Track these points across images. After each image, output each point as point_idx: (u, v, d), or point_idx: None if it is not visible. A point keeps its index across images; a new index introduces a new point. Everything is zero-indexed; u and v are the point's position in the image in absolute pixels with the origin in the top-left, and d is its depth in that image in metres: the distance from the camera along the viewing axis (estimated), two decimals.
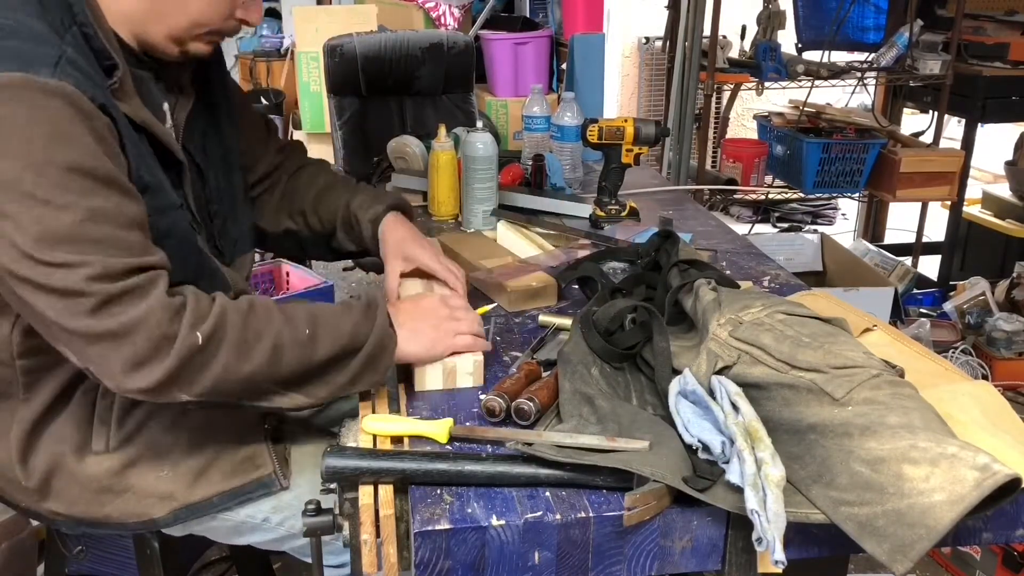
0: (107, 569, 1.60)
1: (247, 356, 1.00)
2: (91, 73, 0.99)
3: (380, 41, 2.62)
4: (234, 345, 0.99)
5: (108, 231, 0.94)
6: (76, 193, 0.92)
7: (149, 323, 0.94)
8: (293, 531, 1.18)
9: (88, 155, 0.93)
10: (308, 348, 1.03)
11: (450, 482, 0.91)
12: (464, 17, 3.92)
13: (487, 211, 1.74)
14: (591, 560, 0.88)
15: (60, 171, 0.91)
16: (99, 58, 1.01)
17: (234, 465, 1.15)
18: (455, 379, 1.12)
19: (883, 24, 3.51)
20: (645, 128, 1.76)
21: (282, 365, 1.02)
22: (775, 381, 0.96)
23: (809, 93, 3.14)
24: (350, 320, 1.06)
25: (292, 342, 1.02)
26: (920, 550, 0.79)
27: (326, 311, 1.08)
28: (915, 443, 0.83)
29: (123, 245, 0.95)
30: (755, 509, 0.81)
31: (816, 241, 2.99)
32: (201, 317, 0.97)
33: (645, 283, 1.33)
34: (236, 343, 0.99)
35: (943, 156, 3.16)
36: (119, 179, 0.97)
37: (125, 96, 1.04)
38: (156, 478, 1.14)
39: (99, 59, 1.01)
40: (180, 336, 0.95)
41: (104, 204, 0.94)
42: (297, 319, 1.04)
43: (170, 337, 0.95)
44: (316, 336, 1.04)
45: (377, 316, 1.08)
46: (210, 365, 0.98)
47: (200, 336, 0.96)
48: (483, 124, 1.79)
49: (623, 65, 4.87)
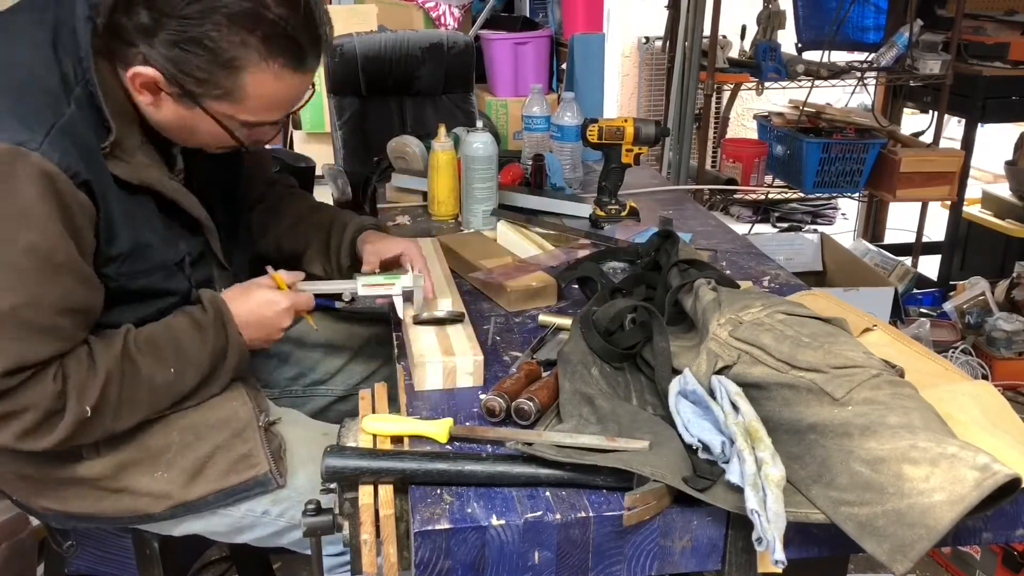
0: (107, 569, 1.60)
1: (130, 410, 1.08)
2: (88, 138, 1.00)
3: (380, 41, 2.63)
4: (116, 405, 1.06)
5: (44, 317, 0.98)
6: (22, 275, 0.95)
7: (39, 407, 0.99)
8: (293, 522, 1.18)
9: (48, 239, 0.96)
10: (178, 384, 1.13)
11: (450, 482, 0.91)
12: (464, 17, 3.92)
13: (487, 211, 1.74)
14: (591, 560, 0.88)
15: (16, 251, 0.94)
16: (100, 119, 1.03)
17: (230, 464, 1.15)
18: (455, 379, 1.12)
19: (883, 24, 3.51)
20: (645, 128, 1.76)
21: (160, 404, 1.12)
22: (775, 381, 0.96)
23: (809, 93, 3.14)
24: (207, 348, 1.14)
25: (164, 384, 1.11)
26: (920, 550, 0.79)
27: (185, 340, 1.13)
28: (915, 443, 0.83)
29: (52, 332, 0.99)
30: (755, 509, 0.81)
31: (816, 241, 2.99)
32: (83, 391, 1.02)
33: (645, 283, 1.33)
34: (118, 403, 1.06)
35: (943, 156, 3.16)
36: (75, 264, 1.00)
37: (123, 156, 1.05)
38: (151, 479, 1.14)
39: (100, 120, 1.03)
40: (68, 411, 1.01)
41: (51, 291, 0.97)
42: (163, 358, 1.10)
43: (59, 412, 1.01)
44: (183, 373, 1.12)
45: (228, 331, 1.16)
46: (98, 426, 1.05)
47: (88, 408, 1.02)
48: (483, 124, 1.79)
49: (623, 65, 4.87)
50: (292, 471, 1.19)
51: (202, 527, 1.22)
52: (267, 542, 1.23)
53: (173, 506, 1.15)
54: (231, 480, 1.15)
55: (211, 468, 1.15)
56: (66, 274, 0.98)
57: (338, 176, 2.64)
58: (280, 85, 1.06)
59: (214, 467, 1.15)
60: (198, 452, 1.15)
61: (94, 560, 1.60)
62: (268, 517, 1.20)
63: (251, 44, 1.01)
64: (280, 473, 1.16)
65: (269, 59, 1.03)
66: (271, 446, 1.17)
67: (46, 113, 0.97)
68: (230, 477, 1.15)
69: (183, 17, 0.98)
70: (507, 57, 3.47)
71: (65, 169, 0.96)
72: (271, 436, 1.18)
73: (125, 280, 1.08)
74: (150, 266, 1.11)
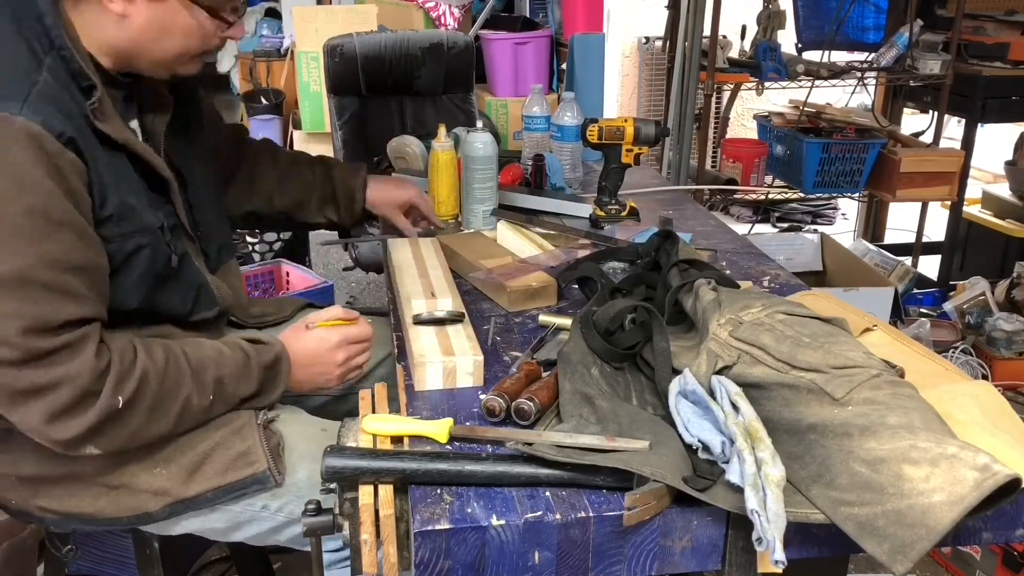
0: (107, 569, 1.60)
1: (157, 421, 1.08)
2: (65, 100, 1.01)
3: (380, 41, 2.63)
4: (148, 410, 1.06)
5: (53, 276, 0.97)
6: (27, 237, 0.96)
7: (76, 381, 0.99)
8: (292, 517, 1.19)
9: (45, 198, 0.96)
10: (206, 413, 1.14)
11: (450, 482, 0.91)
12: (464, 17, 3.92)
13: (487, 211, 1.74)
14: (591, 560, 0.88)
15: (15, 215, 0.95)
16: (76, 80, 1.04)
17: (228, 462, 1.16)
18: (455, 379, 1.12)
19: (883, 24, 3.51)
20: (645, 128, 1.76)
21: (184, 425, 1.13)
22: (775, 381, 0.96)
23: (809, 93, 3.14)
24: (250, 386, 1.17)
25: (197, 408, 1.12)
26: (920, 550, 0.79)
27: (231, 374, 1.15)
28: (915, 443, 0.83)
29: (66, 292, 0.99)
30: (755, 509, 0.81)
31: (816, 241, 2.99)
32: (123, 379, 1.03)
33: (645, 283, 1.33)
34: (150, 408, 1.06)
35: (943, 156, 3.16)
36: (74, 220, 1.00)
37: (105, 117, 1.07)
38: (150, 475, 1.14)
39: (77, 81, 1.04)
40: (103, 396, 1.01)
41: (55, 248, 0.97)
42: (204, 383, 1.12)
43: (94, 394, 1.01)
44: (214, 405, 1.14)
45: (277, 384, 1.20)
46: (125, 426, 1.05)
47: (121, 400, 1.02)
48: (483, 124, 1.79)
49: (623, 65, 4.87)
50: (291, 466, 1.19)
51: (200, 525, 1.21)
52: (266, 538, 1.23)
53: (172, 503, 1.15)
54: (229, 477, 1.15)
55: (209, 465, 1.15)
56: (67, 230, 0.99)
57: None
58: None
59: (212, 464, 1.15)
60: (197, 449, 1.15)
61: (94, 560, 1.60)
62: (267, 512, 1.19)
63: None
64: (279, 471, 1.16)
65: None
66: (269, 443, 1.17)
67: (20, 83, 0.98)
68: (228, 474, 1.15)
69: None
70: (507, 57, 3.48)
71: (50, 129, 0.97)
72: (269, 433, 1.18)
73: (119, 242, 1.08)
74: (137, 228, 1.11)
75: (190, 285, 1.22)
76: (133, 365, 1.04)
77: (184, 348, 1.12)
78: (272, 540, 1.24)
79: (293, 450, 1.20)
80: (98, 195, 1.05)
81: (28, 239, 0.96)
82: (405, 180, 1.54)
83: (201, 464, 1.15)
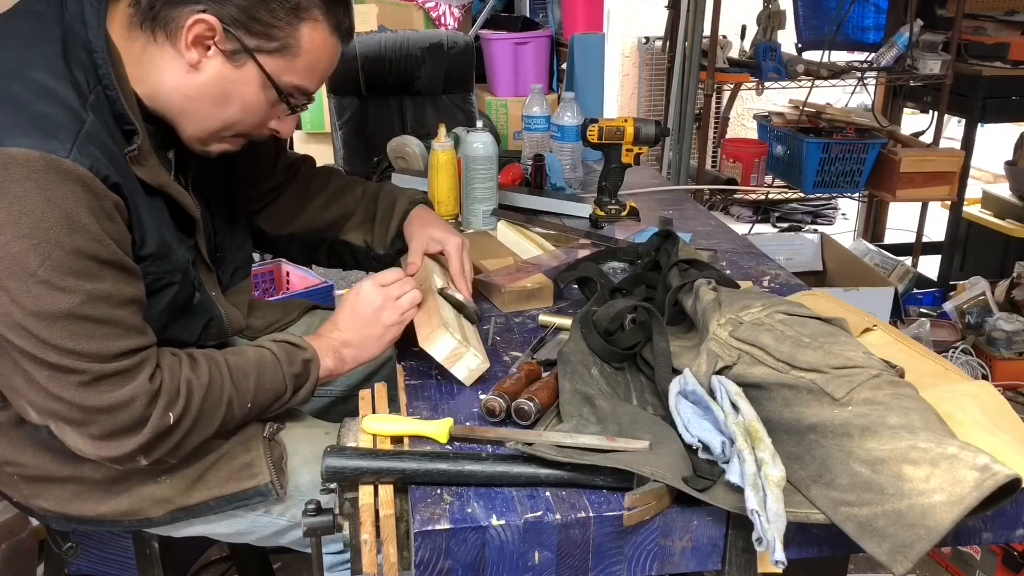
0: (107, 569, 1.61)
1: (201, 430, 1.09)
2: (109, 144, 1.01)
3: (380, 41, 2.63)
4: (194, 420, 1.07)
5: (104, 312, 0.99)
6: (76, 276, 0.96)
7: (132, 406, 1.01)
8: (295, 521, 1.19)
9: (93, 240, 0.97)
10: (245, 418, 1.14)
11: (450, 482, 0.91)
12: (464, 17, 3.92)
13: (487, 211, 1.74)
14: (591, 560, 0.88)
15: (65, 255, 0.95)
16: (119, 122, 1.04)
17: (231, 473, 1.15)
18: (456, 362, 1.11)
19: (883, 24, 3.51)
20: (645, 128, 1.76)
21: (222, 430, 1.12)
22: (775, 381, 0.96)
23: (809, 93, 3.14)
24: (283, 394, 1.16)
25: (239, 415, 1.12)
26: (920, 551, 0.79)
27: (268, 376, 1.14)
28: (915, 443, 0.83)
29: (117, 326, 1.00)
30: (755, 509, 0.81)
31: (816, 241, 2.99)
32: (173, 399, 1.04)
33: (645, 283, 1.33)
34: (195, 418, 1.07)
35: (943, 156, 3.16)
36: (120, 260, 1.01)
37: (143, 160, 1.07)
38: (155, 484, 1.14)
39: (119, 123, 1.04)
40: (154, 417, 1.03)
41: (102, 287, 0.98)
42: (245, 391, 1.12)
43: (147, 418, 1.02)
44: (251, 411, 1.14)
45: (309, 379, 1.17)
46: (173, 439, 1.06)
47: (172, 417, 1.04)
48: (483, 124, 1.79)
49: (623, 65, 4.87)
50: (294, 470, 1.19)
51: (203, 528, 1.22)
52: (269, 541, 1.23)
53: (173, 510, 1.15)
54: (231, 488, 1.15)
55: (213, 475, 1.15)
56: (114, 269, 1.00)
57: None
58: (328, 44, 1.11)
59: (216, 474, 1.15)
60: (202, 460, 1.15)
61: (94, 560, 1.60)
62: (270, 516, 1.20)
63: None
64: (281, 484, 1.16)
65: (326, 15, 1.08)
66: (272, 455, 1.16)
67: (69, 121, 0.97)
68: (230, 484, 1.15)
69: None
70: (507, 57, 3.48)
71: (96, 173, 0.97)
72: (274, 445, 1.18)
73: (151, 279, 1.09)
74: (173, 267, 1.12)
75: (202, 316, 1.22)
76: (180, 382, 1.05)
77: (227, 356, 1.12)
78: (274, 543, 1.24)
79: (296, 454, 1.20)
80: (138, 234, 1.06)
81: (78, 279, 0.96)
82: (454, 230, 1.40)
83: (204, 474, 1.15)
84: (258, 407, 1.15)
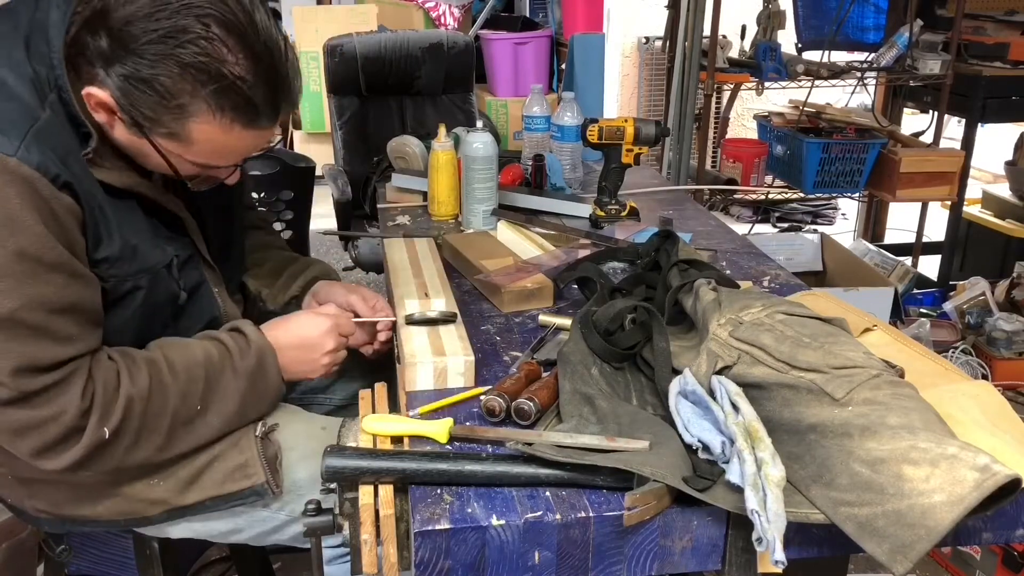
0: (106, 569, 1.60)
1: (147, 441, 1.07)
2: (62, 142, 0.99)
3: (380, 41, 2.63)
4: (135, 433, 1.05)
5: (40, 318, 0.97)
6: (17, 279, 0.95)
7: (60, 420, 0.99)
8: (293, 516, 1.19)
9: (36, 241, 0.95)
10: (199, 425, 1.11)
11: (450, 482, 0.91)
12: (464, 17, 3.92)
13: (487, 211, 1.74)
14: (591, 560, 0.88)
15: (5, 257, 0.94)
16: (74, 124, 1.01)
17: (226, 474, 1.15)
18: (446, 379, 1.12)
19: (883, 24, 3.51)
20: (645, 128, 1.76)
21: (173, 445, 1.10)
22: (775, 381, 0.96)
23: (809, 93, 3.14)
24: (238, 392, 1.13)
25: (186, 422, 1.10)
26: (920, 551, 0.79)
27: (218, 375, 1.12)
28: (915, 444, 0.83)
29: (52, 335, 0.98)
30: (755, 509, 0.80)
31: (816, 241, 2.99)
32: (107, 412, 1.02)
33: (645, 283, 1.33)
34: (137, 431, 1.05)
35: (943, 156, 3.16)
36: (66, 263, 0.99)
37: (102, 162, 1.04)
38: (148, 486, 1.14)
39: (74, 125, 1.02)
40: (88, 431, 1.01)
41: (43, 290, 0.97)
42: (192, 392, 1.09)
43: (79, 430, 1.01)
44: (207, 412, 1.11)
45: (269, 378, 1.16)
46: (114, 452, 1.04)
47: (107, 431, 1.02)
48: (483, 124, 1.79)
49: (623, 65, 4.87)
50: (291, 465, 1.19)
51: (199, 528, 1.22)
52: (266, 538, 1.23)
53: (168, 510, 1.16)
54: (226, 488, 1.15)
55: (207, 476, 1.15)
56: (58, 273, 0.98)
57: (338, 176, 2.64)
58: (229, 137, 1.04)
59: (210, 475, 1.15)
60: (195, 462, 1.15)
61: (94, 560, 1.60)
62: (267, 512, 1.20)
63: (200, 96, 0.98)
64: (276, 483, 1.16)
65: (218, 113, 1.00)
66: (267, 454, 1.16)
67: (19, 117, 0.96)
68: (226, 485, 1.15)
69: (139, 56, 0.96)
70: (507, 57, 3.48)
71: (44, 172, 0.95)
72: (267, 444, 1.17)
73: (114, 283, 1.07)
74: (138, 269, 1.09)
75: (200, 319, 1.20)
76: (117, 394, 1.03)
77: (169, 356, 1.09)
78: (273, 539, 1.23)
79: (293, 449, 1.20)
80: (93, 237, 1.03)
81: (18, 281, 0.95)
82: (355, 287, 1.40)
83: (198, 476, 1.15)
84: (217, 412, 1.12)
